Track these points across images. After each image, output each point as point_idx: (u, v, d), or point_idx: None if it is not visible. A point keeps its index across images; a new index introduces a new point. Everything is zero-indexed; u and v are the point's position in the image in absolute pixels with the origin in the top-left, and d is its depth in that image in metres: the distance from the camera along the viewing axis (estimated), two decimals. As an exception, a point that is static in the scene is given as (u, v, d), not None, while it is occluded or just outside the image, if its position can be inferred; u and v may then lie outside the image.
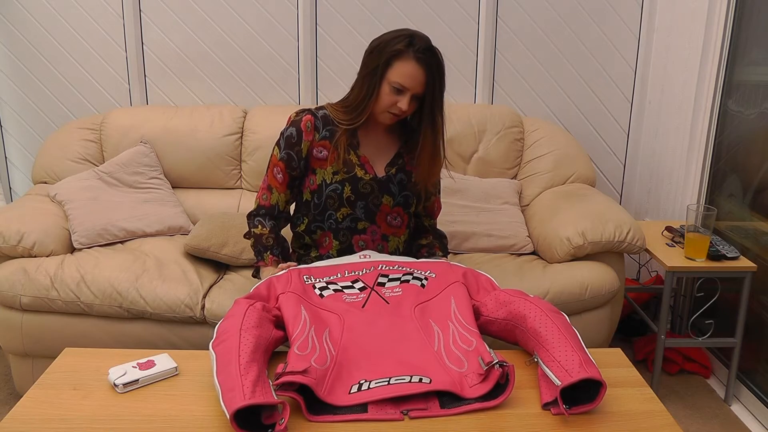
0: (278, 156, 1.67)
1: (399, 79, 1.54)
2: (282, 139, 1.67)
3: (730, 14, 2.31)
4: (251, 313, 1.33)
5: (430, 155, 1.65)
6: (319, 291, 1.50)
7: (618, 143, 2.90)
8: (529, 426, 1.20)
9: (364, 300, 1.48)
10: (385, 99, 1.57)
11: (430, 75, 1.55)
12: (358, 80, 1.62)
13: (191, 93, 2.76)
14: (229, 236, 2.12)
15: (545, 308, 1.37)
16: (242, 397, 1.11)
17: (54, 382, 1.32)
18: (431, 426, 1.19)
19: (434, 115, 1.60)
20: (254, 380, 1.15)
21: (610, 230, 2.09)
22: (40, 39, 2.67)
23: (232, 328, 1.29)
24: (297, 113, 1.68)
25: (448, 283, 1.50)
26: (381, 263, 1.58)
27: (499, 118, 2.58)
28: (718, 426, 2.11)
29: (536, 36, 2.75)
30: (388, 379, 1.26)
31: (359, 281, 1.55)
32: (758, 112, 2.22)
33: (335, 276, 1.56)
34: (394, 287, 1.51)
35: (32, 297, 1.95)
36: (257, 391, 1.13)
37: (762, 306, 2.22)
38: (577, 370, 1.21)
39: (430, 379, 1.26)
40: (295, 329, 1.33)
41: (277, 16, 2.68)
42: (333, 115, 1.66)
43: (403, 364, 1.31)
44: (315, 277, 1.54)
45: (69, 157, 2.47)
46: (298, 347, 1.28)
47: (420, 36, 1.57)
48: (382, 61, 1.55)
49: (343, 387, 1.25)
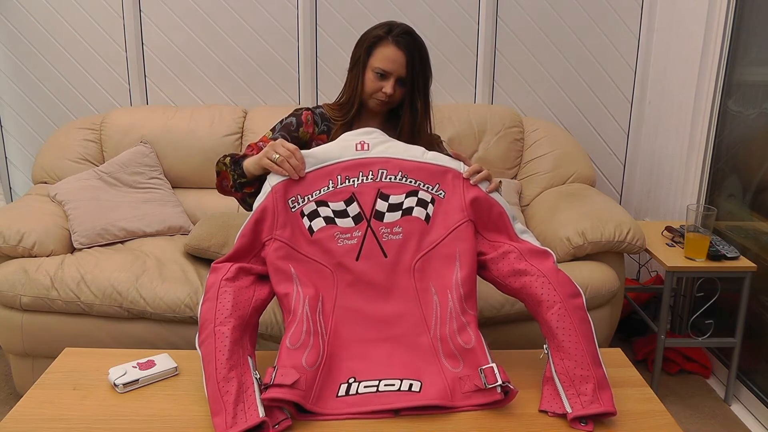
0: (270, 137, 1.63)
1: (380, 64, 1.57)
2: (279, 125, 1.66)
3: (730, 14, 2.31)
4: (225, 295, 1.28)
5: (408, 137, 1.63)
6: (309, 222, 1.38)
7: (618, 143, 2.90)
8: (529, 426, 1.20)
9: (358, 244, 1.36)
10: (370, 85, 1.59)
11: (410, 57, 1.57)
12: (347, 76, 1.67)
13: (191, 93, 2.76)
14: (229, 236, 2.12)
15: (567, 302, 1.28)
16: (224, 425, 1.12)
17: (54, 382, 1.32)
18: (429, 426, 1.19)
19: (413, 98, 1.61)
20: (234, 399, 1.15)
21: (610, 230, 2.09)
22: (40, 39, 2.67)
23: (208, 319, 1.26)
24: (295, 110, 1.70)
25: (456, 221, 1.38)
26: (380, 167, 1.42)
27: (499, 118, 2.58)
28: (718, 426, 2.11)
29: (536, 36, 2.75)
30: (378, 383, 1.24)
31: (353, 202, 1.39)
32: (758, 112, 2.22)
33: (326, 188, 1.40)
34: (394, 224, 1.38)
35: (32, 297, 1.95)
36: (238, 415, 1.13)
37: (762, 306, 2.22)
38: (590, 400, 1.19)
39: (421, 383, 1.24)
40: (290, 301, 1.29)
41: (277, 16, 2.68)
42: (329, 114, 1.69)
43: (395, 358, 1.28)
44: (302, 196, 1.39)
45: (69, 157, 2.47)
46: (290, 339, 1.24)
47: (399, 23, 1.61)
48: (363, 49, 1.60)
49: (331, 386, 1.23)
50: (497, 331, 1.98)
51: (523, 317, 1.98)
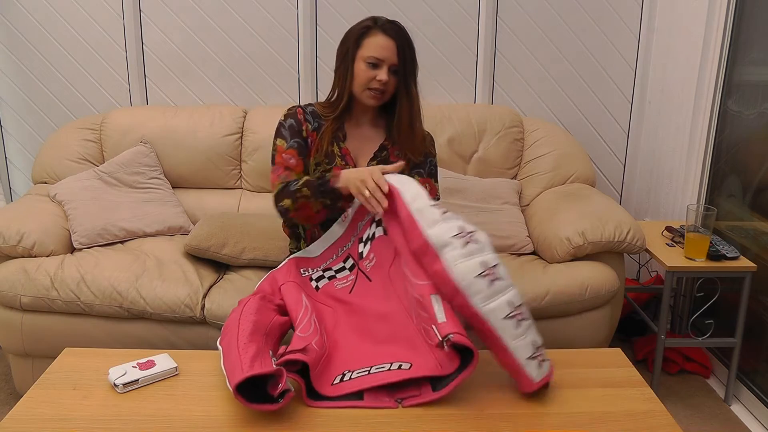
0: (286, 146, 1.64)
1: (372, 52, 1.58)
2: (285, 131, 1.66)
3: (730, 14, 2.31)
4: (250, 304, 1.41)
5: (407, 124, 1.66)
6: (315, 283, 1.58)
7: (618, 143, 2.90)
8: (529, 426, 1.20)
9: (352, 284, 1.53)
10: (362, 76, 1.60)
11: (400, 44, 1.59)
12: (335, 75, 1.68)
13: (191, 93, 2.76)
14: (229, 236, 2.12)
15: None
16: (241, 371, 1.17)
17: (54, 382, 1.32)
18: (430, 426, 1.19)
19: (408, 84, 1.63)
20: (252, 356, 1.21)
21: (610, 230, 2.09)
22: (40, 39, 2.67)
23: (233, 321, 1.36)
24: (288, 109, 1.71)
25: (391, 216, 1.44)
26: (357, 220, 1.58)
27: (499, 118, 2.58)
28: (718, 426, 2.11)
29: (536, 36, 2.75)
30: (369, 368, 1.31)
31: (349, 258, 1.57)
32: (758, 112, 2.22)
33: (331, 259, 1.61)
34: (370, 253, 1.53)
35: (32, 297, 1.95)
36: (255, 365, 1.19)
37: (762, 306, 2.22)
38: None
39: (410, 364, 1.29)
40: (297, 313, 1.40)
41: (277, 16, 2.68)
42: (319, 111, 1.70)
43: (384, 348, 1.35)
44: (312, 269, 1.61)
45: (69, 157, 2.47)
46: (300, 330, 1.34)
47: (382, 16, 1.63)
48: (351, 43, 1.61)
49: (328, 375, 1.30)
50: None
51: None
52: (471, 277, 1.23)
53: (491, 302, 1.23)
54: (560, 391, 1.31)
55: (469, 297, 1.23)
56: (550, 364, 1.30)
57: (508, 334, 1.23)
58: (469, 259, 1.25)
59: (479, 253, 1.26)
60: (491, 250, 1.29)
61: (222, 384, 1.29)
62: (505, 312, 1.23)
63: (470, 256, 1.25)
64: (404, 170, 1.70)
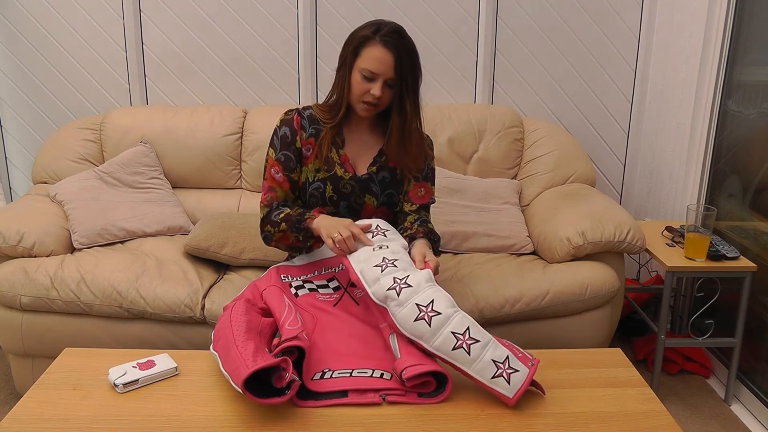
0: (274, 157, 1.66)
1: (367, 65, 1.53)
2: (276, 140, 1.66)
3: (730, 14, 2.31)
4: (237, 307, 1.42)
5: (397, 141, 1.63)
6: (295, 290, 1.58)
7: (618, 143, 2.90)
8: (529, 426, 1.20)
9: (336, 300, 1.55)
10: (357, 88, 1.56)
11: (398, 58, 1.53)
12: (335, 75, 1.64)
13: (191, 93, 2.76)
14: (229, 236, 2.12)
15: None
16: (245, 367, 1.17)
17: (54, 382, 1.32)
18: (427, 426, 1.19)
19: (402, 100, 1.58)
20: (253, 352, 1.22)
21: (610, 230, 2.09)
22: (40, 39, 2.67)
23: (224, 325, 1.37)
24: (286, 113, 1.69)
25: None
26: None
27: (499, 118, 2.58)
28: (718, 426, 2.11)
29: (536, 36, 2.75)
30: (351, 371, 1.33)
31: (334, 279, 1.61)
32: (758, 112, 2.22)
33: (312, 274, 1.63)
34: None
35: (32, 297, 1.95)
36: (258, 360, 1.19)
37: (762, 306, 2.22)
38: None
39: (392, 375, 1.32)
40: (281, 313, 1.41)
41: (277, 16, 2.68)
42: (318, 115, 1.67)
43: (367, 357, 1.37)
44: (292, 276, 1.63)
45: (69, 157, 2.47)
46: (289, 323, 1.36)
47: (388, 22, 1.57)
48: (351, 50, 1.56)
49: (308, 370, 1.32)
50: (497, 331, 1.95)
51: (522, 317, 1.98)
52: (411, 322, 1.31)
53: (436, 339, 1.29)
54: (560, 391, 1.31)
55: (418, 339, 1.31)
56: (525, 372, 1.26)
57: (462, 362, 1.28)
58: (405, 307, 1.32)
59: (413, 296, 1.33)
60: (427, 284, 1.36)
61: (222, 384, 1.29)
62: (451, 344, 1.28)
63: (406, 303, 1.32)
64: (401, 176, 1.72)
